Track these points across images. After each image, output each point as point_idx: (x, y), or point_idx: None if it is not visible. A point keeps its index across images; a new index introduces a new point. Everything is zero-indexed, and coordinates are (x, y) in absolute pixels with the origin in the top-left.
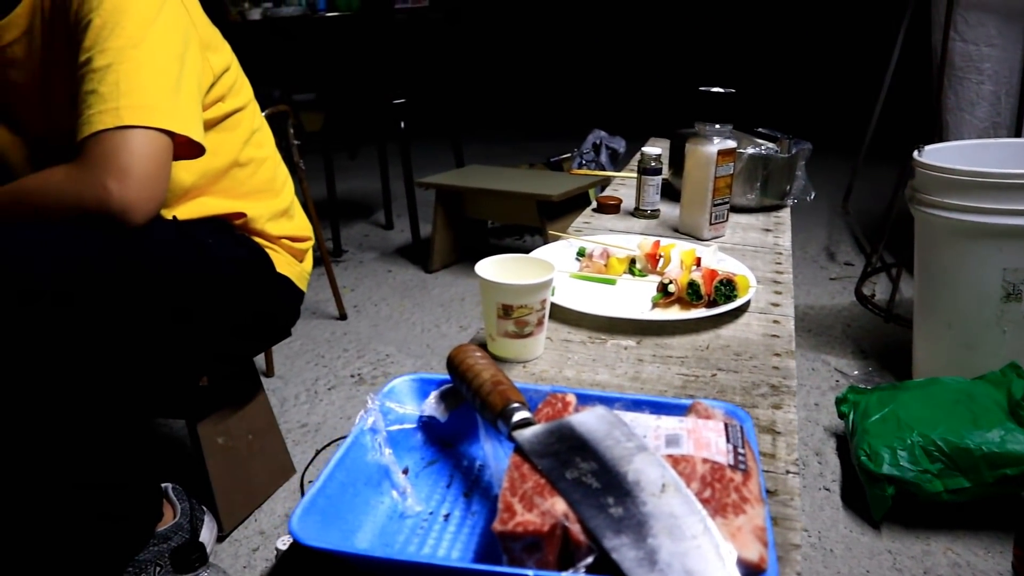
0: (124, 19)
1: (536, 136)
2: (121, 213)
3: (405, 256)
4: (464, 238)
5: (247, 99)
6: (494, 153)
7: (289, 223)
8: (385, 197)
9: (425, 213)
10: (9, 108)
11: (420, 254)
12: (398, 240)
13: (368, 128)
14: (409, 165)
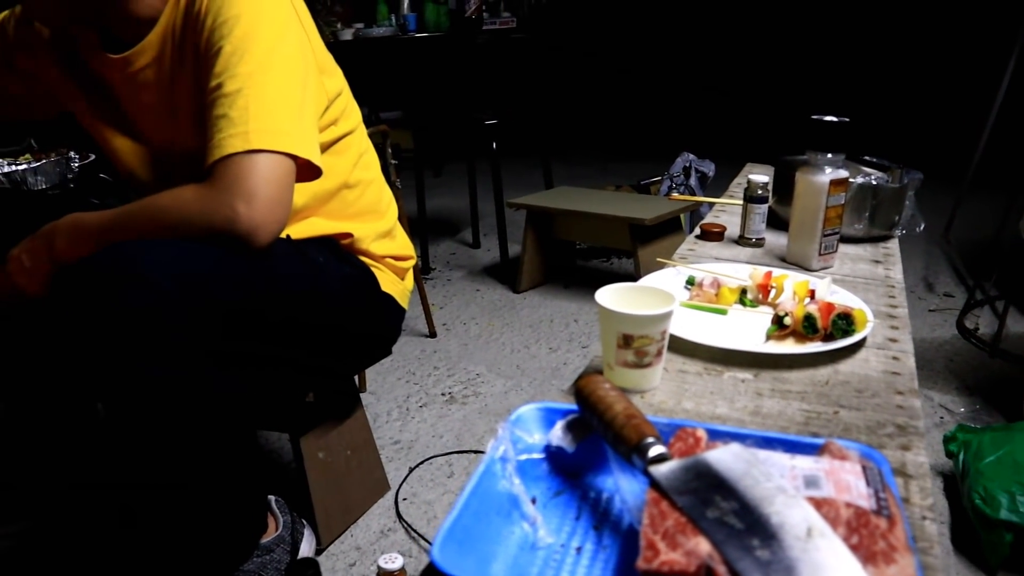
0: (253, 46)
1: (618, 157)
2: (248, 235)
3: (493, 275)
4: (552, 259)
5: (356, 123)
6: (577, 174)
7: (392, 243)
8: (473, 216)
9: (512, 233)
10: (135, 125)
11: (508, 274)
12: (485, 259)
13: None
14: (500, 186)
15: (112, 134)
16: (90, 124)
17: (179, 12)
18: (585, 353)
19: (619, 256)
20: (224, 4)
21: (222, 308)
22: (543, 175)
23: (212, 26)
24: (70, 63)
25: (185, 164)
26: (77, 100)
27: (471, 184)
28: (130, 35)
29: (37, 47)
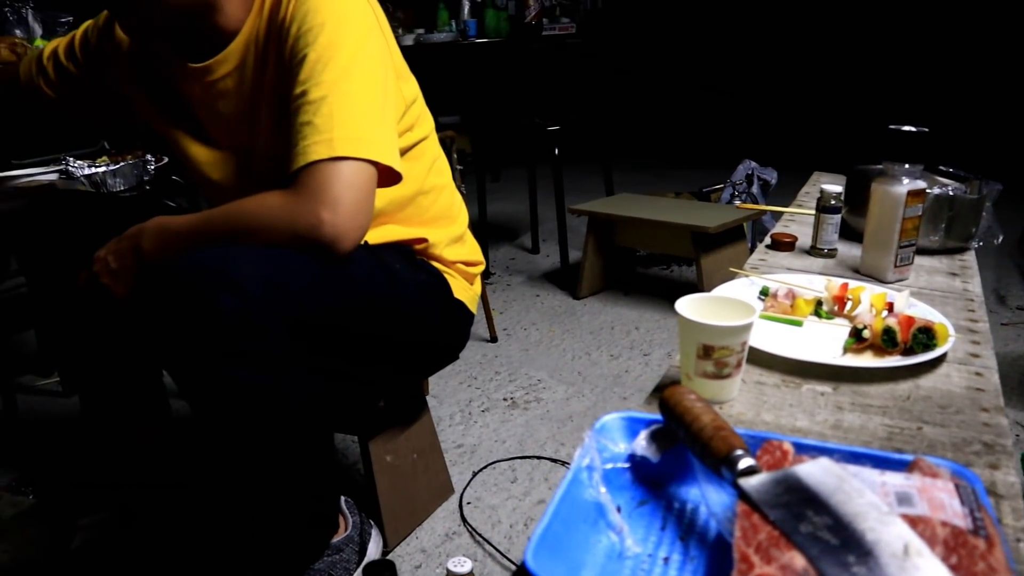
0: (337, 53)
1: (675, 163)
2: (332, 242)
3: (552, 281)
4: (612, 265)
5: (430, 129)
6: (635, 180)
7: (463, 248)
8: (533, 221)
9: (572, 239)
10: (211, 133)
11: (568, 280)
12: (544, 264)
13: (511, 151)
14: (561, 192)
15: (188, 141)
16: (165, 131)
17: (262, 21)
18: (647, 361)
19: (679, 263)
20: (309, 12)
21: (306, 313)
22: (603, 181)
23: (297, 34)
24: (147, 72)
25: (263, 170)
26: (153, 109)
27: (531, 189)
28: (212, 45)
29: (116, 56)
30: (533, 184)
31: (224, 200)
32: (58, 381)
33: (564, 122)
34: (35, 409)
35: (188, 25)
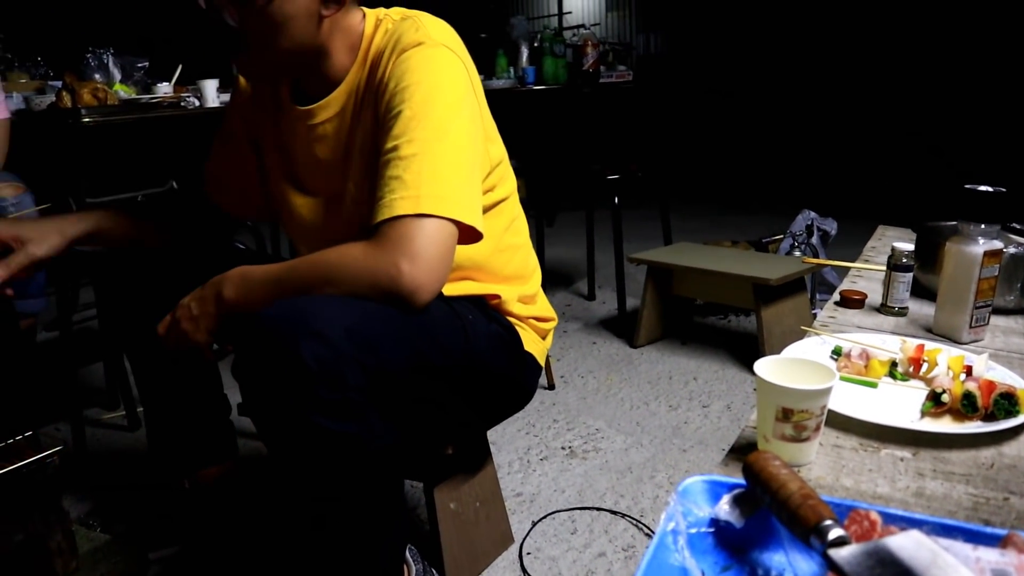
0: (432, 112)
1: (731, 210)
2: (410, 294)
3: (609, 328)
4: (669, 314)
5: (512, 189)
6: (690, 227)
7: (535, 306)
8: (589, 268)
9: (628, 286)
10: (306, 177)
11: (625, 327)
12: (601, 311)
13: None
14: (620, 241)
15: (286, 186)
16: (272, 178)
17: (364, 73)
18: (706, 413)
19: (736, 313)
20: (408, 71)
21: (384, 362)
22: (661, 229)
23: (395, 90)
24: (258, 120)
25: (351, 216)
26: (270, 149)
27: (589, 237)
28: (318, 90)
29: (242, 110)
30: (591, 231)
31: (312, 245)
32: (124, 415)
33: (624, 171)
34: (101, 442)
35: (299, 69)
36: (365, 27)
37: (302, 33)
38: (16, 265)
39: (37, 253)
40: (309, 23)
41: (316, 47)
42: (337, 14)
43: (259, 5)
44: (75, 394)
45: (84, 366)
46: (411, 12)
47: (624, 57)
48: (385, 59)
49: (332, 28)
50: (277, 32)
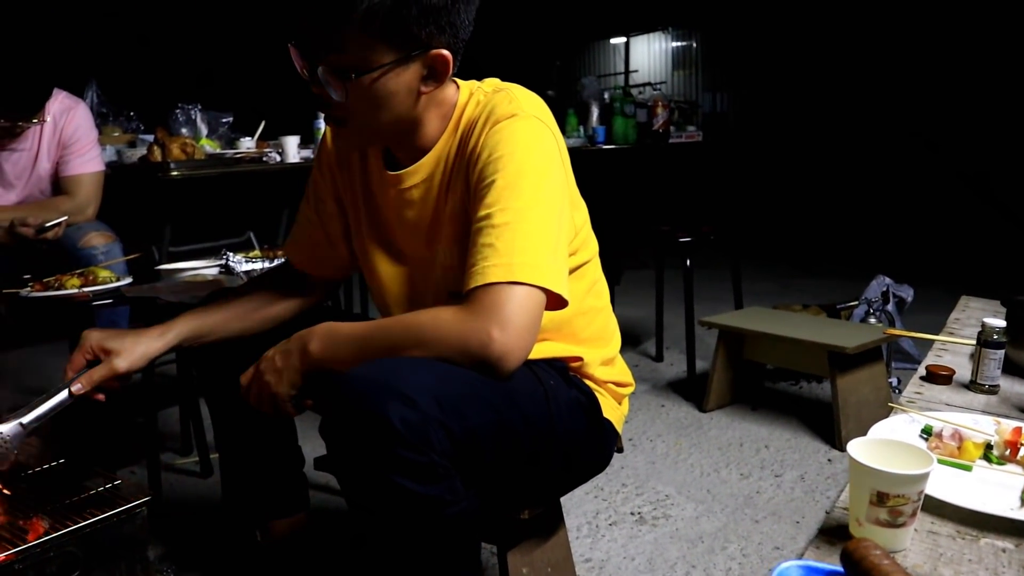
0: (523, 182)
1: (801, 272)
2: (498, 360)
3: (678, 391)
4: (739, 378)
5: (593, 252)
6: (759, 289)
7: (614, 369)
8: (658, 329)
9: (698, 348)
10: (395, 240)
11: (694, 390)
12: (669, 373)
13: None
14: (691, 303)
15: (374, 248)
16: (359, 240)
17: (454, 142)
18: (779, 483)
19: (808, 379)
20: (501, 141)
21: (468, 427)
22: (732, 292)
23: (488, 159)
24: (348, 183)
25: (438, 279)
26: (357, 210)
27: (658, 296)
28: (408, 156)
29: (328, 163)
30: (660, 292)
31: (398, 306)
32: (197, 461)
33: (696, 233)
34: (174, 487)
35: (393, 139)
36: (459, 97)
37: (401, 107)
38: (98, 378)
39: (120, 368)
40: (409, 98)
41: (412, 119)
42: (435, 89)
43: (365, 83)
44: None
45: (161, 409)
46: (504, 84)
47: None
48: (478, 129)
49: (429, 101)
50: (378, 107)
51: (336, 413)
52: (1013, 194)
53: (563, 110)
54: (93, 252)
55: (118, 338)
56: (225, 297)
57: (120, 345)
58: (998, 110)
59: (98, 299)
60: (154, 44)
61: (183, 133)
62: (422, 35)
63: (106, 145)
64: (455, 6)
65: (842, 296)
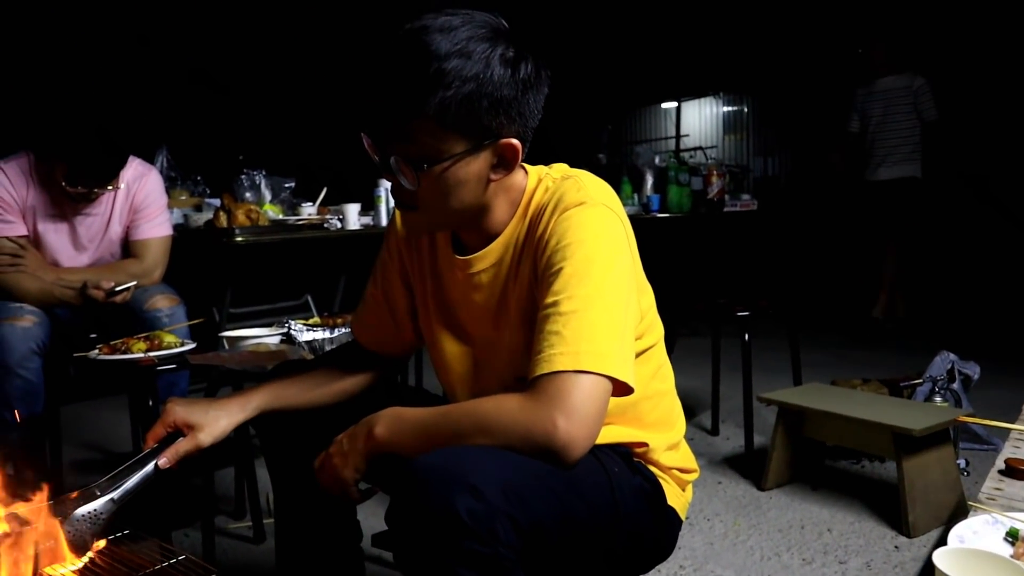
0: (592, 269)
1: (857, 343)
2: (563, 449)
3: (734, 467)
4: (799, 456)
5: (659, 336)
6: (814, 360)
7: (678, 454)
8: (714, 401)
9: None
10: (462, 323)
11: (751, 467)
12: (725, 448)
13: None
14: (750, 379)
15: (440, 329)
16: (425, 320)
17: (523, 228)
18: (843, 571)
19: (870, 459)
20: (570, 229)
21: (534, 518)
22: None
23: (556, 247)
24: (415, 264)
25: (504, 363)
26: (425, 291)
27: (714, 368)
28: (476, 240)
29: (397, 244)
30: (717, 364)
31: (463, 388)
32: (250, 526)
33: (754, 307)
34: (227, 552)
35: (461, 224)
36: (527, 183)
37: (471, 195)
38: (184, 453)
39: (204, 443)
40: (478, 186)
41: (481, 205)
42: (504, 176)
43: (436, 172)
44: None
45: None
46: (572, 171)
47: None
48: (547, 216)
49: (498, 187)
50: (448, 195)
51: (402, 502)
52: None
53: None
54: (158, 314)
55: (201, 411)
56: (298, 370)
57: (204, 419)
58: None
59: (163, 364)
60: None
61: (247, 198)
62: (492, 125)
63: (174, 208)
64: (525, 97)
65: (900, 369)
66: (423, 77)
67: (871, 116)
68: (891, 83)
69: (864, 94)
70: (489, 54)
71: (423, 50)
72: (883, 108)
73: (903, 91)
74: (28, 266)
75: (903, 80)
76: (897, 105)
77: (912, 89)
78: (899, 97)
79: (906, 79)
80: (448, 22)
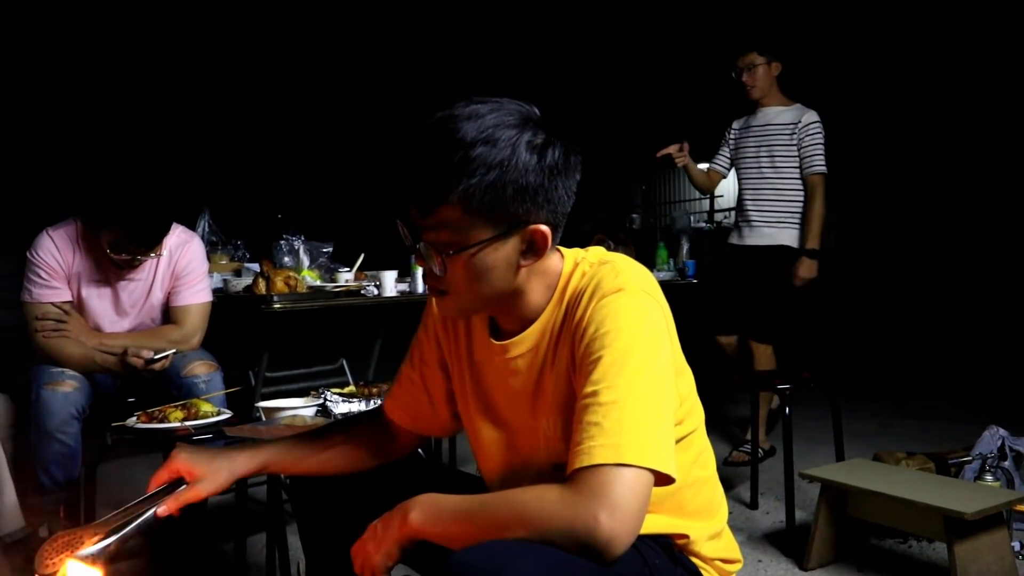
0: (631, 358)
1: (901, 412)
2: (605, 545)
3: (775, 544)
4: (843, 534)
5: (699, 421)
6: (856, 429)
7: (720, 544)
8: (753, 475)
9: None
10: (497, 408)
11: (792, 545)
12: (765, 523)
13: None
14: (791, 455)
15: (477, 413)
16: (463, 403)
17: (559, 313)
18: None
19: (918, 539)
20: (609, 316)
21: None
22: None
23: (595, 335)
24: (452, 349)
25: (540, 449)
26: (461, 375)
27: (753, 443)
28: (512, 325)
29: (433, 327)
30: (756, 439)
31: (500, 472)
32: None
33: (794, 380)
34: None
35: (495, 309)
36: (563, 267)
37: (500, 280)
38: (184, 501)
39: (204, 491)
40: (508, 271)
41: (514, 290)
42: (535, 262)
43: (463, 257)
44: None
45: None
46: (609, 255)
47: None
48: (584, 302)
49: (530, 273)
50: (477, 280)
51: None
52: None
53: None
54: (195, 381)
55: (206, 461)
56: (316, 436)
57: (207, 469)
58: None
59: (199, 434)
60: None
61: (286, 263)
62: (519, 212)
63: (214, 273)
64: (552, 183)
65: (946, 442)
66: (448, 164)
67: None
68: (771, 116)
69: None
70: (515, 140)
71: (449, 138)
72: (755, 149)
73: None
74: (72, 331)
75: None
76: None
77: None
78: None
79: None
80: (476, 110)
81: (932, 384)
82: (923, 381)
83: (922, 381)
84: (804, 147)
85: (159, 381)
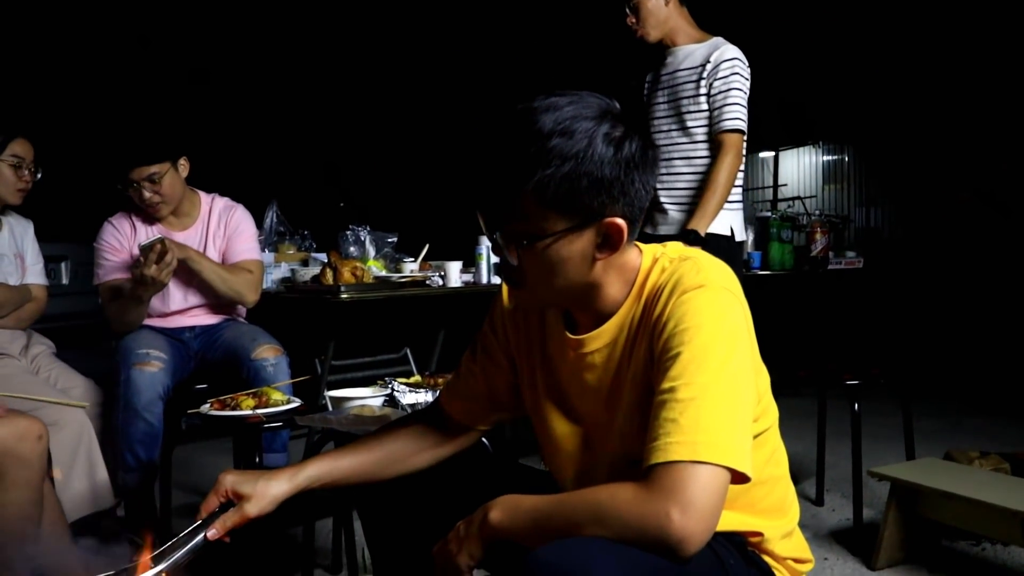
0: (710, 356)
1: (973, 410)
2: (678, 543)
3: (841, 543)
4: (913, 534)
5: (774, 419)
6: (927, 428)
7: (792, 543)
8: (819, 470)
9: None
10: (572, 403)
11: (860, 543)
12: (831, 521)
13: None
14: (859, 453)
15: (550, 407)
16: (532, 397)
17: (638, 309)
18: None
19: (992, 541)
20: (689, 313)
21: None
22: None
23: (674, 330)
24: (525, 342)
25: (615, 445)
26: (533, 369)
27: (820, 435)
28: (588, 319)
29: (503, 319)
30: (823, 435)
31: (570, 466)
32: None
33: (864, 376)
34: None
35: (571, 302)
36: (642, 262)
37: (575, 273)
38: (231, 524)
39: (251, 513)
40: (583, 264)
41: (589, 283)
42: (611, 255)
43: (538, 249)
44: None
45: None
46: (689, 251)
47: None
48: (664, 298)
49: (606, 267)
50: (552, 272)
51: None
52: None
53: None
54: (264, 363)
55: (251, 482)
56: (364, 441)
57: (252, 490)
58: None
59: (270, 422)
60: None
61: (352, 253)
62: (594, 204)
63: (281, 263)
64: (628, 176)
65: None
66: (524, 155)
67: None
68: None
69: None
70: (592, 132)
71: (527, 129)
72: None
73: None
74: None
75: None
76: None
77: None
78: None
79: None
80: (555, 102)
81: (1003, 382)
82: (994, 379)
83: (993, 379)
84: (715, 94)
85: (230, 363)
